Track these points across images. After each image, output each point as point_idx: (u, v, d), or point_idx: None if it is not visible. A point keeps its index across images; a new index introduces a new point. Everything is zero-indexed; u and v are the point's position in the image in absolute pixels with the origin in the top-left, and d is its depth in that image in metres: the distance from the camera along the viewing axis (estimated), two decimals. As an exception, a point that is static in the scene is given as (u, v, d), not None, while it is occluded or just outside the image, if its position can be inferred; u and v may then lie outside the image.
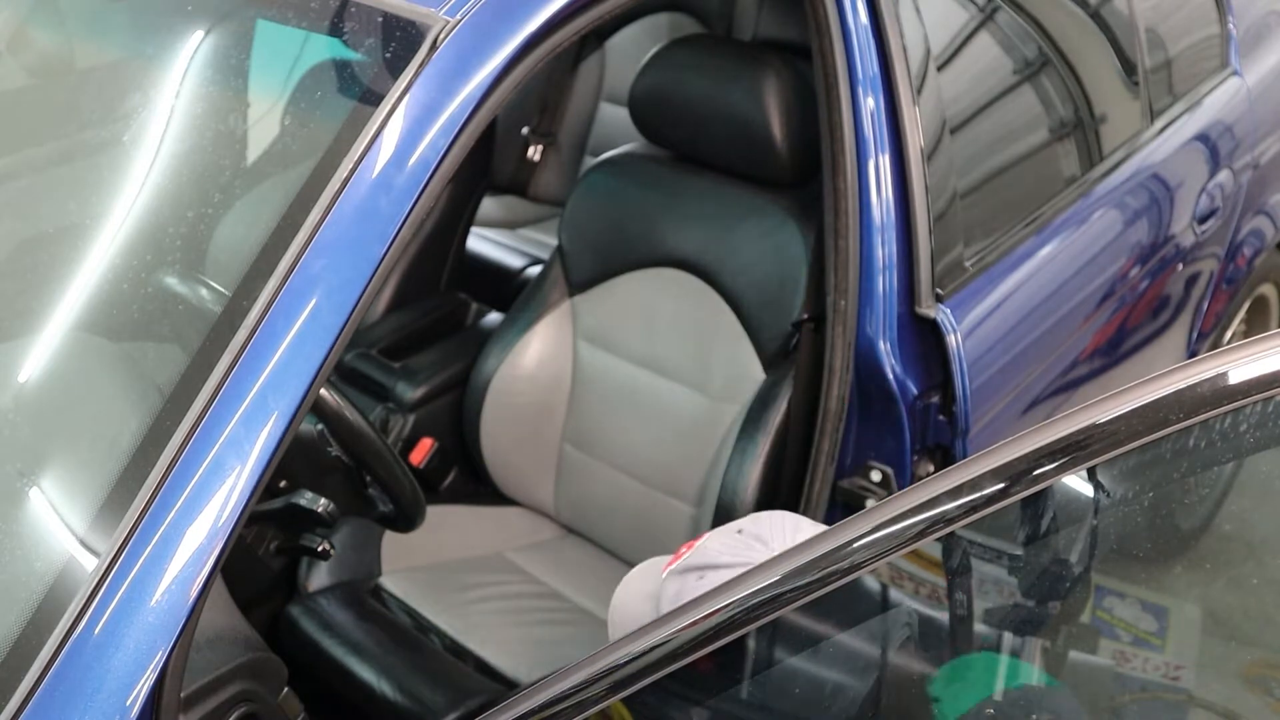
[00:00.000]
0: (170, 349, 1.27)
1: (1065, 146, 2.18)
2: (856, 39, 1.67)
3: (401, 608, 2.05)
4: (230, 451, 1.12)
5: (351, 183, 1.20)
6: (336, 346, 1.16)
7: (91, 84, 1.62)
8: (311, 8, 1.37)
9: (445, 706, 1.78)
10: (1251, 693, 1.04)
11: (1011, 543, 1.04)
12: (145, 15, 1.58)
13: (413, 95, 1.24)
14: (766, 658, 1.13)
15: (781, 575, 1.02)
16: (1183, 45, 2.54)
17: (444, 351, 2.39)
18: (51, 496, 1.21)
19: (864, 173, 1.71)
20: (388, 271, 1.21)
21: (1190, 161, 2.46)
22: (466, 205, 2.68)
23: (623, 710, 1.10)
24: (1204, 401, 0.91)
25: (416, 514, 1.68)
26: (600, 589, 2.12)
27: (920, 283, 1.75)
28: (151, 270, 1.31)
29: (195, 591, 1.08)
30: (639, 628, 1.08)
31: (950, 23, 1.94)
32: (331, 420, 1.53)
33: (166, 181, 1.38)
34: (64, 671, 1.06)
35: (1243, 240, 2.71)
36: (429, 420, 2.27)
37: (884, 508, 1.00)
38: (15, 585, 1.14)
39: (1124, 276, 2.24)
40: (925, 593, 1.08)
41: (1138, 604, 1.04)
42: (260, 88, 1.40)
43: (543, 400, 2.20)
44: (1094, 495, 0.99)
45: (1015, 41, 2.07)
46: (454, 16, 1.27)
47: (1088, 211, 2.14)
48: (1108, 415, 0.93)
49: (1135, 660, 1.03)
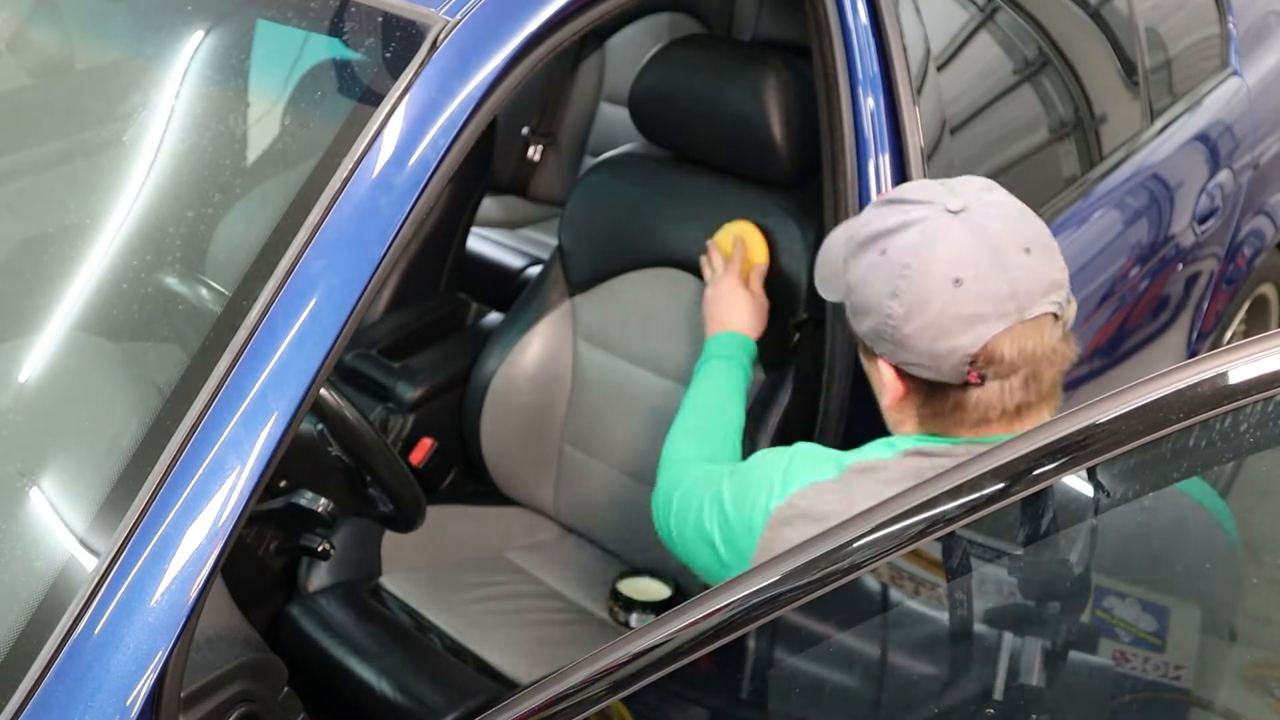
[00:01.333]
0: (170, 349, 1.27)
1: (1065, 146, 2.19)
2: (856, 39, 1.67)
3: (401, 608, 2.05)
4: (230, 451, 1.12)
5: (351, 183, 1.20)
6: (336, 346, 1.17)
7: (91, 84, 1.62)
8: (311, 8, 1.37)
9: (445, 706, 1.77)
10: (1251, 693, 1.04)
11: (1011, 543, 1.04)
12: (145, 15, 1.59)
13: (413, 95, 1.24)
14: (766, 657, 1.13)
15: (781, 575, 1.02)
16: (1183, 45, 2.54)
17: (444, 351, 2.39)
18: (51, 496, 1.21)
19: (864, 173, 1.71)
20: (388, 271, 1.21)
21: (1190, 161, 2.46)
22: (466, 205, 2.68)
23: (623, 710, 1.10)
24: (1204, 401, 0.91)
25: (416, 514, 1.68)
26: (600, 589, 2.12)
27: (920, 283, 1.75)
28: (151, 270, 1.31)
29: (195, 591, 1.08)
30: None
31: (950, 23, 1.94)
32: (331, 420, 1.53)
33: (166, 181, 1.38)
34: (64, 671, 1.06)
35: (1243, 240, 2.71)
36: (429, 420, 2.27)
37: (884, 508, 1.00)
38: (15, 585, 1.14)
39: (1124, 276, 2.25)
40: (925, 592, 1.08)
41: (1138, 604, 1.04)
42: (260, 88, 1.40)
43: (543, 400, 2.20)
44: (1094, 495, 0.99)
45: (1015, 41, 2.07)
46: (454, 16, 1.27)
47: (1087, 211, 2.14)
48: (1108, 415, 0.93)
49: (1135, 660, 1.03)
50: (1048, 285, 1.23)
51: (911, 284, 1.22)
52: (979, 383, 1.24)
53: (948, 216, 1.23)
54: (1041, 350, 1.23)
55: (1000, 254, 1.21)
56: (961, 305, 1.21)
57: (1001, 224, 1.24)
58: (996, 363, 1.22)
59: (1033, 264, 1.23)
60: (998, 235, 1.22)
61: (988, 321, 1.21)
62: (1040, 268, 1.23)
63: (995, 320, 1.21)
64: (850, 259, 1.31)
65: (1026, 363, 1.23)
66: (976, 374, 1.23)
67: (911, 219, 1.25)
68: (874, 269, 1.26)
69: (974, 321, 1.21)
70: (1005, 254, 1.22)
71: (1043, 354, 1.24)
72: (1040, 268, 1.23)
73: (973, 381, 1.24)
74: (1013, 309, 1.21)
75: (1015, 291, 1.21)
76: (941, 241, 1.22)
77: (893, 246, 1.25)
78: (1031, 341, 1.23)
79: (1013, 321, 1.21)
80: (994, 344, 1.21)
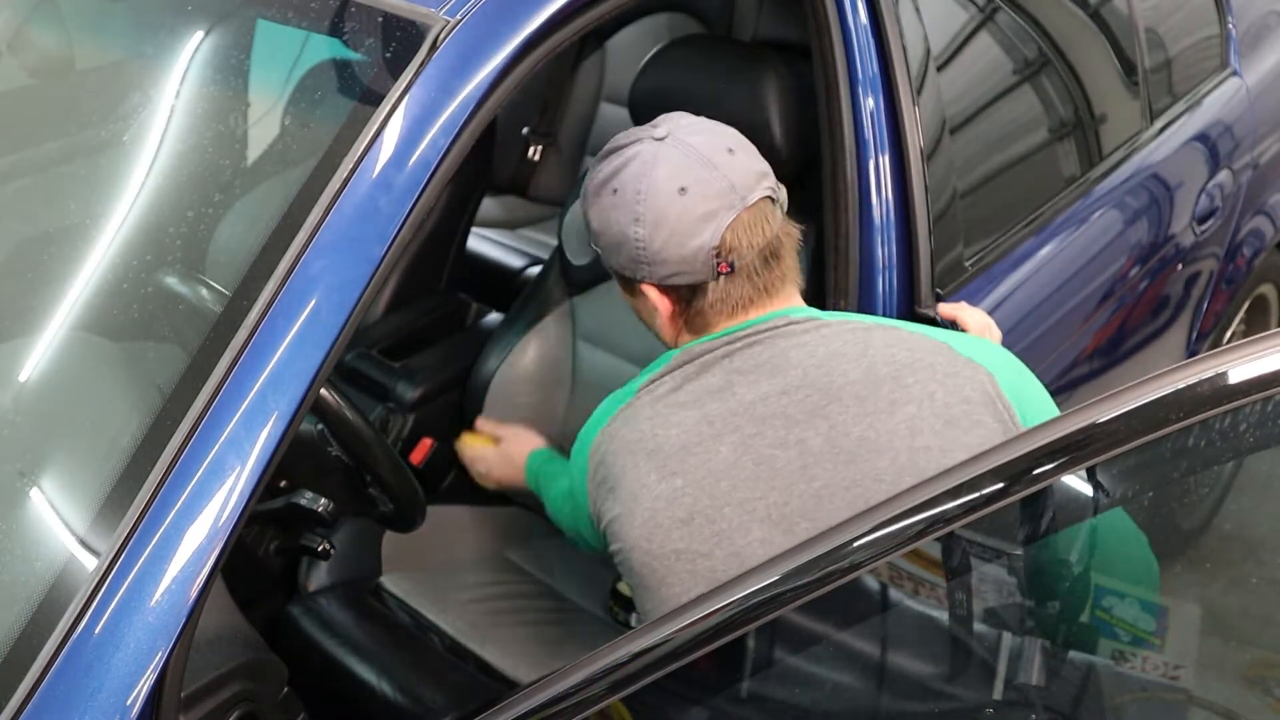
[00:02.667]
0: (170, 349, 1.27)
1: (1065, 146, 2.19)
2: (856, 39, 1.67)
3: (401, 608, 2.05)
4: (230, 451, 1.12)
5: (351, 183, 1.20)
6: (336, 346, 1.17)
7: (91, 84, 1.62)
8: (311, 8, 1.37)
9: (445, 706, 1.77)
10: (1251, 693, 1.04)
11: (1011, 542, 1.04)
12: (145, 15, 1.59)
13: (413, 95, 1.24)
14: (766, 657, 1.13)
15: (781, 575, 1.02)
16: (1182, 45, 2.54)
17: (444, 351, 2.39)
18: (51, 496, 1.21)
19: (864, 173, 1.71)
20: (388, 271, 1.21)
21: (1190, 161, 2.46)
22: (466, 205, 2.68)
23: (622, 710, 1.10)
24: (1204, 401, 0.91)
25: (416, 514, 1.68)
26: (600, 589, 2.12)
27: (920, 283, 1.75)
28: (151, 270, 1.31)
29: (195, 591, 1.09)
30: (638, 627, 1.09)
31: (950, 23, 1.94)
32: (331, 420, 1.53)
33: (166, 181, 1.38)
34: (64, 671, 1.06)
35: (1242, 240, 2.71)
36: (429, 420, 2.27)
37: (884, 507, 1.00)
38: (15, 585, 1.14)
39: (1124, 276, 2.25)
40: (924, 592, 1.08)
41: (1137, 604, 1.04)
42: (260, 88, 1.40)
43: (543, 400, 2.20)
44: (1094, 495, 0.99)
45: (1015, 42, 2.07)
46: (454, 16, 1.27)
47: (1087, 211, 2.14)
48: (1108, 415, 0.93)
49: (1135, 660, 1.03)
50: (758, 175, 1.42)
51: (647, 206, 1.38)
52: (729, 270, 1.40)
53: (655, 144, 1.41)
54: (770, 229, 1.41)
55: (709, 158, 1.39)
56: (693, 207, 1.38)
57: (702, 137, 1.42)
58: (737, 248, 1.39)
59: (739, 160, 1.41)
60: (702, 145, 1.40)
61: (718, 215, 1.38)
62: (746, 161, 1.42)
63: (725, 212, 1.38)
64: (589, 210, 1.46)
65: (762, 243, 1.40)
66: (725, 263, 1.39)
67: (627, 157, 1.42)
68: (612, 208, 1.42)
69: (708, 218, 1.38)
70: (713, 157, 1.39)
71: (772, 232, 1.42)
72: (746, 161, 1.42)
73: (723, 271, 1.40)
74: (736, 200, 1.38)
75: (734, 184, 1.39)
76: (659, 164, 1.39)
77: (620, 183, 1.41)
78: (760, 223, 1.40)
79: (739, 210, 1.38)
80: (729, 233, 1.38)
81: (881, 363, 1.36)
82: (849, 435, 1.32)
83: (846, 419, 1.33)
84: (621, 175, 1.41)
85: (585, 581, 2.17)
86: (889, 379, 1.34)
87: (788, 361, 1.38)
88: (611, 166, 1.43)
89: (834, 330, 1.40)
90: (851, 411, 1.33)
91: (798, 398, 1.35)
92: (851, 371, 1.35)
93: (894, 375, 1.34)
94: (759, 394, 1.37)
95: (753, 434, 1.35)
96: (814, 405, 1.34)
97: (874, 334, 1.39)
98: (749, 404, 1.36)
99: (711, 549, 1.34)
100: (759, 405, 1.36)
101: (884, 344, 1.38)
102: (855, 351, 1.37)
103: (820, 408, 1.34)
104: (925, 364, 1.35)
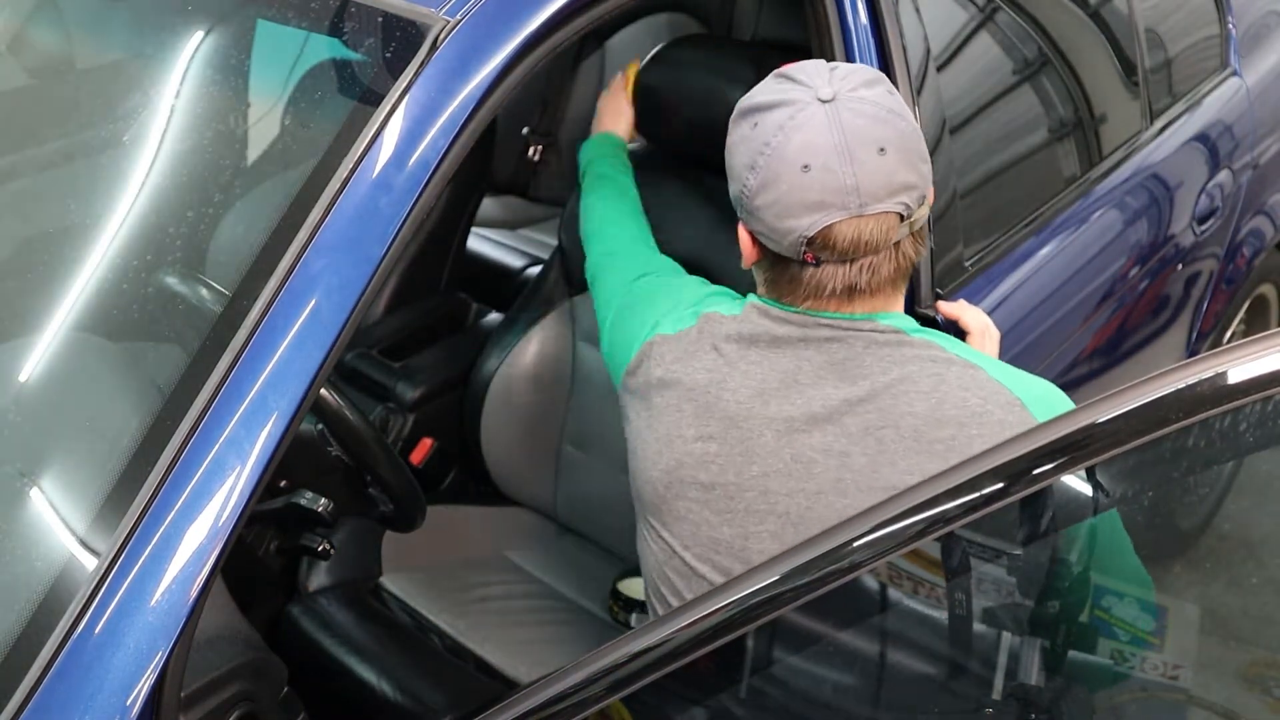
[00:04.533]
0: (170, 349, 1.27)
1: (1065, 146, 2.18)
2: (856, 39, 1.67)
3: (402, 608, 2.05)
4: (230, 451, 1.12)
5: (351, 183, 1.20)
6: (336, 346, 1.17)
7: (91, 84, 1.62)
8: (311, 8, 1.37)
9: (445, 706, 1.78)
10: (1251, 693, 1.04)
11: (1010, 542, 1.04)
12: (145, 15, 1.59)
13: (413, 95, 1.24)
14: (766, 657, 1.13)
15: (781, 575, 1.02)
16: (1182, 45, 2.54)
17: (444, 351, 2.39)
18: (51, 496, 1.21)
19: (864, 173, 1.71)
20: (388, 271, 1.21)
21: (1190, 161, 2.46)
22: (466, 205, 2.68)
23: (622, 710, 1.10)
24: (1204, 401, 0.91)
25: (416, 514, 1.68)
26: (600, 589, 2.12)
27: (920, 282, 1.75)
28: (151, 270, 1.31)
29: (195, 591, 1.09)
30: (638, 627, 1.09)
31: (950, 23, 1.94)
32: (331, 420, 1.53)
33: (166, 181, 1.38)
34: (64, 671, 1.06)
35: (1242, 240, 2.71)
36: (429, 420, 2.27)
37: (884, 507, 1.00)
38: (15, 585, 1.14)
39: (1124, 276, 2.25)
40: (924, 592, 1.08)
41: (1137, 604, 1.04)
42: (260, 88, 1.41)
43: (543, 400, 2.20)
44: (1094, 495, 0.99)
45: (1015, 41, 2.07)
46: (454, 16, 1.28)
47: (1087, 211, 2.14)
48: (1107, 415, 0.93)
49: (1134, 660, 1.03)
50: (896, 186, 1.28)
51: (768, 162, 1.29)
52: (814, 263, 1.31)
53: (816, 104, 1.29)
54: (876, 243, 1.29)
55: (851, 149, 1.27)
56: (806, 191, 1.27)
57: (863, 120, 1.28)
58: (830, 248, 1.29)
59: (883, 164, 1.27)
60: (855, 131, 1.27)
61: (828, 210, 1.27)
62: (891, 168, 1.28)
63: (836, 210, 1.27)
64: (733, 123, 1.37)
65: (860, 253, 1.30)
66: (812, 255, 1.30)
67: (786, 99, 1.30)
68: (743, 140, 1.33)
69: (815, 208, 1.27)
70: (856, 150, 1.27)
71: (877, 246, 1.30)
72: (891, 168, 1.28)
73: (808, 261, 1.31)
74: (854, 203, 1.27)
75: (859, 187, 1.26)
76: (802, 129, 1.28)
77: (763, 122, 1.31)
78: (868, 234, 1.29)
79: (851, 214, 1.27)
80: (830, 231, 1.28)
81: (951, 404, 1.29)
82: (895, 466, 1.28)
83: (897, 450, 1.28)
84: (767, 116, 1.31)
85: (585, 581, 2.17)
86: (954, 423, 1.28)
87: (860, 370, 1.32)
88: (768, 97, 1.32)
89: (914, 352, 1.33)
90: (906, 444, 1.28)
91: (858, 410, 1.30)
92: (918, 404, 1.29)
93: (960, 421, 1.28)
94: (822, 393, 1.32)
95: (802, 430, 1.32)
96: (870, 424, 1.30)
97: (951, 369, 1.31)
98: (808, 399, 1.33)
99: (722, 522, 1.34)
100: (817, 403, 1.32)
101: (959, 384, 1.30)
102: (929, 385, 1.30)
103: (875, 428, 1.29)
104: (995, 420, 1.28)
